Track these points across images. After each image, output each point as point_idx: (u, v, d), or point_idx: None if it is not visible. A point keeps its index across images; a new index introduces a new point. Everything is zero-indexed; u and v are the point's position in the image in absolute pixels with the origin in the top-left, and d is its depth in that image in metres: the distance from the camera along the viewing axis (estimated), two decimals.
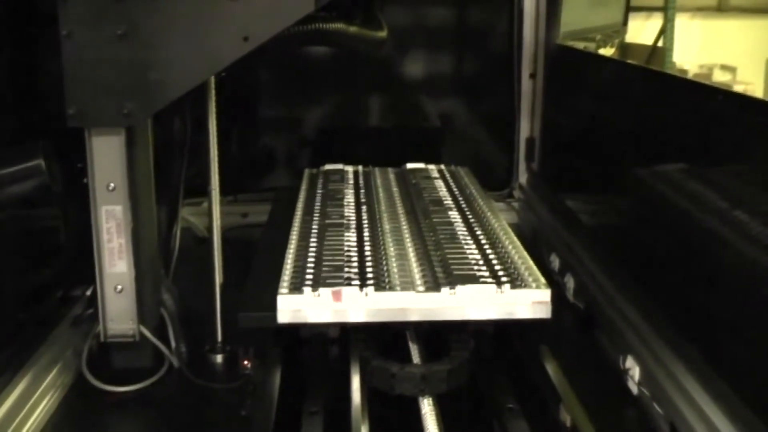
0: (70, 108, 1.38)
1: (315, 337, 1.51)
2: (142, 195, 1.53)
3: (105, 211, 1.48)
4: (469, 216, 1.76)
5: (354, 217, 1.75)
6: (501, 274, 1.43)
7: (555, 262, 1.97)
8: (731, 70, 5.68)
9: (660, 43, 5.61)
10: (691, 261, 1.38)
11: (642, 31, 5.71)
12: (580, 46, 2.69)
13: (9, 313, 1.49)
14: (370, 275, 1.43)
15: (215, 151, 1.61)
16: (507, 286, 1.39)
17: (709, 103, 1.34)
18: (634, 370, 1.45)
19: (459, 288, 1.38)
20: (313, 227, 1.68)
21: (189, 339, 1.63)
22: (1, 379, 1.35)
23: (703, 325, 1.31)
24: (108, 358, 1.57)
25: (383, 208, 1.83)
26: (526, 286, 1.40)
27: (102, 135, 1.44)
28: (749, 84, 5.44)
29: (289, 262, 1.50)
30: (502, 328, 1.52)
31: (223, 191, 1.66)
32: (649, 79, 1.72)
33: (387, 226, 1.70)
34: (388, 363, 1.35)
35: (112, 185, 1.46)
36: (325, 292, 1.37)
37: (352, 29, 1.91)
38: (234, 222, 2.33)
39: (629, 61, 2.47)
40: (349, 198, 1.90)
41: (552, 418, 1.39)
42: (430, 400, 1.32)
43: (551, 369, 1.45)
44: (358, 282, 1.40)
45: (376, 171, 2.16)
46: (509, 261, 1.50)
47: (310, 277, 1.42)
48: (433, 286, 1.40)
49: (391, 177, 2.12)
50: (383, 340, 1.44)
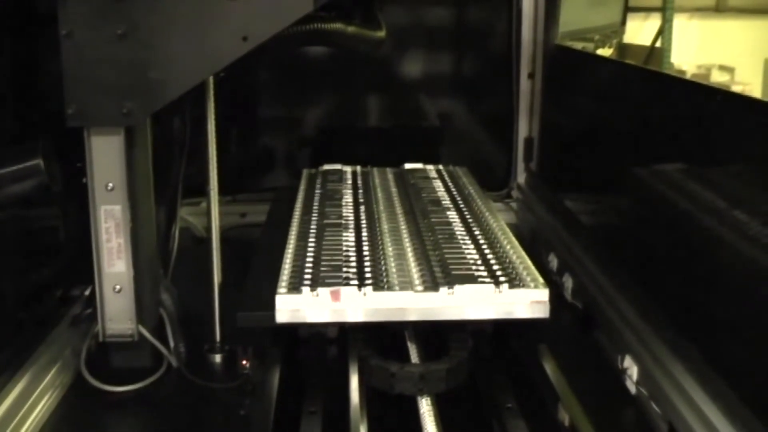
0: (70, 107, 1.38)
1: (314, 337, 1.52)
2: (141, 195, 1.54)
3: (104, 211, 1.48)
4: (468, 216, 1.76)
5: (352, 217, 1.75)
6: (499, 273, 1.44)
7: (553, 261, 1.97)
8: (729, 70, 5.68)
9: (658, 44, 5.61)
10: (688, 261, 1.38)
11: (640, 31, 5.70)
12: (579, 46, 2.70)
13: (8, 313, 1.49)
14: (368, 275, 1.43)
15: (214, 151, 1.61)
16: (505, 286, 1.39)
17: (708, 103, 1.34)
18: (632, 369, 1.45)
19: (457, 288, 1.38)
20: (312, 227, 1.68)
21: (188, 339, 1.63)
22: (0, 379, 1.35)
23: (701, 324, 1.31)
24: (107, 358, 1.57)
25: (382, 208, 1.83)
26: (524, 286, 1.40)
27: (101, 134, 1.44)
28: (747, 84, 5.44)
29: (288, 261, 1.50)
30: (500, 327, 1.53)
31: (222, 191, 1.66)
32: (648, 80, 1.72)
33: (385, 226, 1.70)
34: (387, 362, 1.35)
35: (111, 185, 1.46)
36: (323, 292, 1.37)
37: (350, 29, 1.91)
38: (233, 222, 2.33)
39: (627, 62, 2.47)
40: (348, 198, 1.90)
41: (550, 418, 1.39)
42: (428, 400, 1.32)
43: (549, 368, 1.45)
44: (356, 282, 1.40)
45: (375, 171, 2.16)
46: (507, 261, 1.51)
47: (309, 276, 1.42)
48: (431, 285, 1.40)
49: (390, 177, 2.12)
50: (382, 339, 1.44)
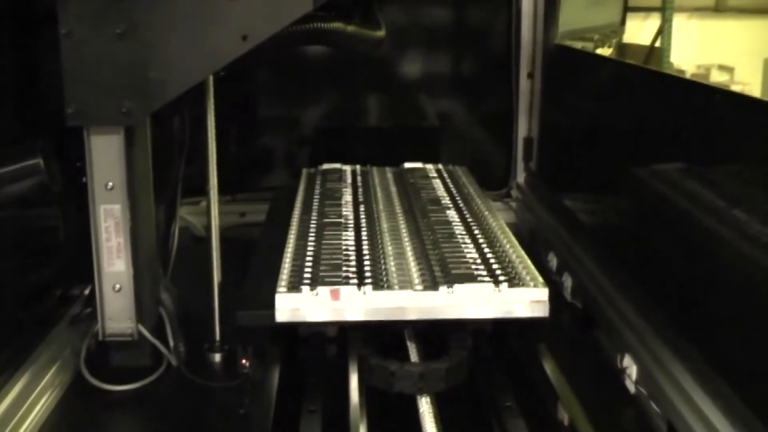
0: (69, 107, 1.38)
1: (313, 336, 1.52)
2: (140, 194, 1.54)
3: (103, 210, 1.48)
4: (467, 215, 1.76)
5: (352, 217, 1.75)
6: (499, 273, 1.44)
7: (553, 261, 1.97)
8: (729, 70, 5.68)
9: (658, 43, 5.61)
10: (688, 260, 1.38)
11: (640, 31, 5.70)
12: (578, 45, 2.70)
13: (8, 312, 1.49)
14: (368, 274, 1.43)
15: (214, 151, 1.61)
16: (505, 285, 1.39)
17: (707, 102, 1.34)
18: (631, 368, 1.45)
19: (457, 287, 1.38)
20: (311, 226, 1.68)
21: (187, 338, 1.63)
22: (0, 378, 1.35)
23: (701, 324, 1.31)
24: (106, 357, 1.58)
25: (381, 207, 1.83)
26: (523, 285, 1.40)
27: (101, 134, 1.44)
28: (747, 84, 5.44)
29: (288, 261, 1.50)
30: (500, 326, 1.53)
31: (222, 190, 1.66)
32: (647, 79, 1.72)
33: (385, 226, 1.70)
34: (387, 361, 1.35)
35: (110, 184, 1.46)
36: (323, 291, 1.37)
37: (350, 29, 1.91)
38: (232, 221, 2.33)
39: (627, 61, 2.47)
40: (347, 197, 1.90)
41: (550, 417, 1.39)
42: (428, 399, 1.32)
43: (549, 367, 1.45)
44: (356, 281, 1.40)
45: (374, 170, 2.16)
46: (507, 260, 1.51)
47: (308, 275, 1.42)
48: (431, 284, 1.40)
49: (389, 176, 2.12)
50: (381, 338, 1.44)
